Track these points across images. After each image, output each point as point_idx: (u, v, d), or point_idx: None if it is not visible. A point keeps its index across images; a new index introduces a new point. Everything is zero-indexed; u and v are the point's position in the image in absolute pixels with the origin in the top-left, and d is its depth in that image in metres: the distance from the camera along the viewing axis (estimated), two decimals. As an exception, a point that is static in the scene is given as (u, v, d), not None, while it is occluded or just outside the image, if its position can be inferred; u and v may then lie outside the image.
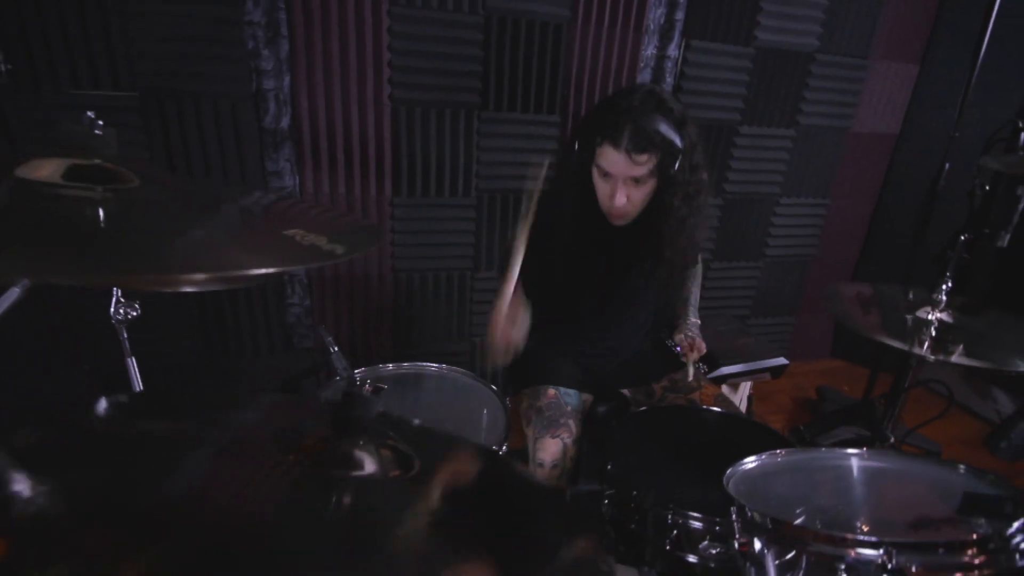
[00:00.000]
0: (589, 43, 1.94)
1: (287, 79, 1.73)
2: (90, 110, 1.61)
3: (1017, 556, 0.59)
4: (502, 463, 0.76)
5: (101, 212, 0.46)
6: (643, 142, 1.05)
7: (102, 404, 0.70)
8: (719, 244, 2.42)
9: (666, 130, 1.07)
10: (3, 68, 1.21)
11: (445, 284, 2.11)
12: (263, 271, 0.44)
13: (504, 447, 1.10)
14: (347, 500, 0.53)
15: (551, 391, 1.30)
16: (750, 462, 0.84)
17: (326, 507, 0.52)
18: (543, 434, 1.22)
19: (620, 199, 1.12)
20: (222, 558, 0.49)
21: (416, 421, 0.82)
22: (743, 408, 1.98)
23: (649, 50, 2.04)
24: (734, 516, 0.72)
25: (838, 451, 0.86)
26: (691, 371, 1.29)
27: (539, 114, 1.98)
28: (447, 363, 2.20)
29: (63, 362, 1.74)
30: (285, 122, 1.77)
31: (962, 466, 0.75)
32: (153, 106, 1.64)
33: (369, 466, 0.55)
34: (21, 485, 0.48)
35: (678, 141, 1.09)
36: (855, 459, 0.84)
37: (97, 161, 0.51)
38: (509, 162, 2.00)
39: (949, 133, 1.80)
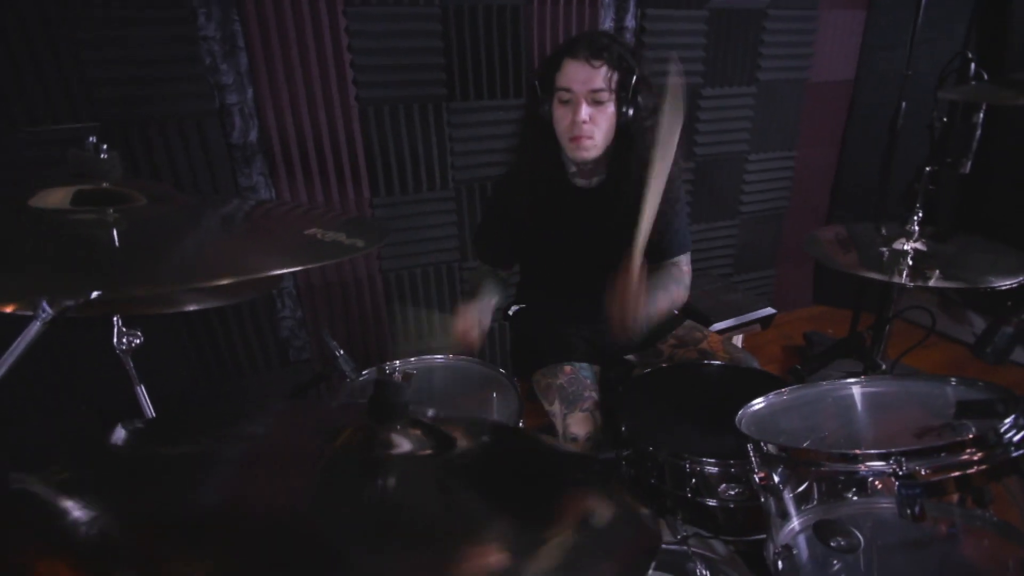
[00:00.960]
0: (547, 22, 1.96)
1: (250, 92, 1.71)
2: (52, 145, 1.56)
3: (1011, 448, 0.64)
4: (529, 436, 0.79)
5: (115, 232, 0.47)
6: (598, 48, 1.11)
7: (119, 432, 0.71)
8: (695, 206, 2.47)
9: (621, 50, 1.14)
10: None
11: (434, 278, 2.12)
12: (298, 268, 0.46)
13: (520, 424, 1.13)
14: (391, 481, 0.55)
15: (567, 367, 1.31)
16: (758, 403, 0.88)
17: (370, 490, 0.54)
18: (572, 410, 1.22)
19: (583, 113, 1.13)
20: (272, 552, 0.50)
21: (430, 411, 0.84)
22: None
23: (607, 22, 2.06)
24: (751, 452, 0.76)
25: (839, 382, 0.91)
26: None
27: (506, 99, 2.00)
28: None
29: (62, 402, 1.72)
30: (253, 135, 1.76)
31: (953, 379, 0.80)
32: (117, 134, 1.60)
33: (406, 446, 0.57)
34: (77, 512, 0.49)
35: (631, 60, 1.15)
36: (855, 387, 0.89)
37: (104, 184, 0.51)
38: (482, 150, 2.01)
39: (902, 72, 1.87)
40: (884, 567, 0.72)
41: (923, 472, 0.62)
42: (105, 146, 0.53)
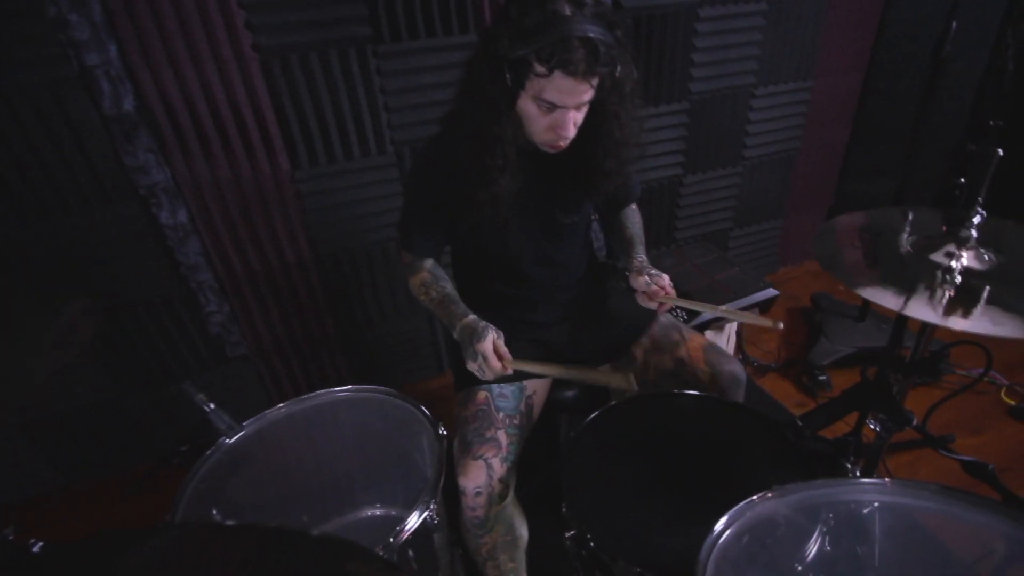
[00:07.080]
0: (494, -69, 1.52)
1: (112, 48, 1.35)
2: None
3: None
4: None
5: None
6: (596, 64, 0.87)
7: None
8: (689, 155, 2.10)
9: (611, 40, 0.88)
10: None
11: (381, 257, 1.83)
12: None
13: (433, 504, 0.90)
14: None
15: (481, 394, 1.08)
16: (722, 528, 0.62)
17: None
18: (464, 455, 1.03)
19: (572, 130, 0.96)
20: None
21: (313, 531, 0.62)
22: (731, 345, 1.78)
23: (573, -73, 1.60)
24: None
25: (848, 484, 0.65)
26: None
27: (450, 36, 1.60)
28: (407, 341, 1.99)
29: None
30: (129, 104, 1.41)
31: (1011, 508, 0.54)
32: (-52, 116, 1.28)
33: None
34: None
35: (619, 56, 0.91)
36: (873, 493, 0.63)
37: None
38: (424, 103, 1.64)
39: (956, -20, 1.43)
40: None
41: None
42: None
